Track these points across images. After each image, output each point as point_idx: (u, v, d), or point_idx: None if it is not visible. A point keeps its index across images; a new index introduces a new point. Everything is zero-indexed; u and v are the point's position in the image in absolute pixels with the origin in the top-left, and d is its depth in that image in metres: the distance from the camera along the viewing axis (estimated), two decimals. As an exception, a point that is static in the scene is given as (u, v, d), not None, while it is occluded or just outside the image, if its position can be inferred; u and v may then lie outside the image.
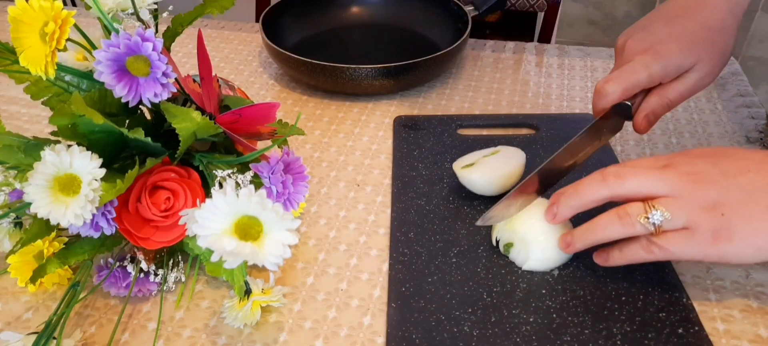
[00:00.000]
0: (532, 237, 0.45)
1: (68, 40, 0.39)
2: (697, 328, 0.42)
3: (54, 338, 0.40)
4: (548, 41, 1.41)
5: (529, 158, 0.59)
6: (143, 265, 0.45)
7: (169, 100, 0.42)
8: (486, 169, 0.52)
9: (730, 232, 0.37)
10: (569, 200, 0.42)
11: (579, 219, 0.44)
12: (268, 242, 0.37)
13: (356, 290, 0.47)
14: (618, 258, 0.42)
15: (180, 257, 0.48)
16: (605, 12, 2.22)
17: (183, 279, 0.47)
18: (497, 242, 0.49)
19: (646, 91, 0.51)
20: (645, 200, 0.39)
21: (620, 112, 0.50)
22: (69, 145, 0.39)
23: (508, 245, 0.47)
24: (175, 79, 0.41)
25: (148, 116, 0.47)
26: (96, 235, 0.41)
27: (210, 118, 0.43)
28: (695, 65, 0.48)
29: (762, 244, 0.37)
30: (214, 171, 0.43)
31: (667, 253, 0.39)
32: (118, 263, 0.45)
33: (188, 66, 0.81)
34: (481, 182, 0.52)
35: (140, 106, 0.44)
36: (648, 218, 0.38)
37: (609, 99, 0.49)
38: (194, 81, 0.48)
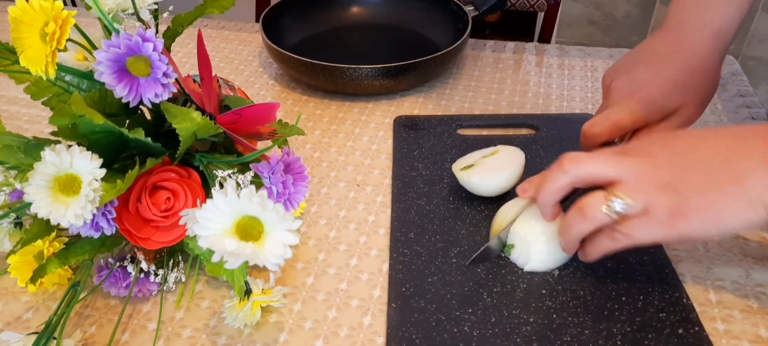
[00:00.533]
0: (533, 238, 0.45)
1: (68, 40, 0.39)
2: (697, 328, 0.42)
3: (54, 338, 0.40)
4: (548, 41, 1.41)
5: (529, 158, 0.59)
6: (143, 265, 0.45)
7: (169, 100, 0.42)
8: (485, 171, 0.52)
9: (686, 208, 0.37)
10: (540, 195, 0.43)
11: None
12: (269, 243, 0.37)
13: (356, 290, 0.47)
14: (591, 253, 0.43)
15: (180, 257, 0.48)
16: (605, 12, 2.22)
17: (183, 279, 0.47)
18: (502, 252, 0.49)
19: (634, 131, 0.51)
20: (604, 188, 0.39)
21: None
22: (69, 146, 0.39)
23: (509, 247, 0.47)
24: (176, 79, 0.41)
25: (148, 116, 0.47)
26: (96, 235, 0.41)
27: (210, 119, 0.43)
28: (680, 108, 0.49)
29: (720, 216, 0.37)
30: (214, 171, 0.43)
31: (631, 239, 0.39)
32: (118, 263, 0.45)
33: (188, 66, 0.81)
34: (481, 183, 0.52)
35: (140, 107, 0.44)
36: (610, 206, 0.38)
37: (596, 140, 0.51)
38: (194, 81, 0.48)
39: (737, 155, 0.37)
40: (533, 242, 0.45)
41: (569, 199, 0.44)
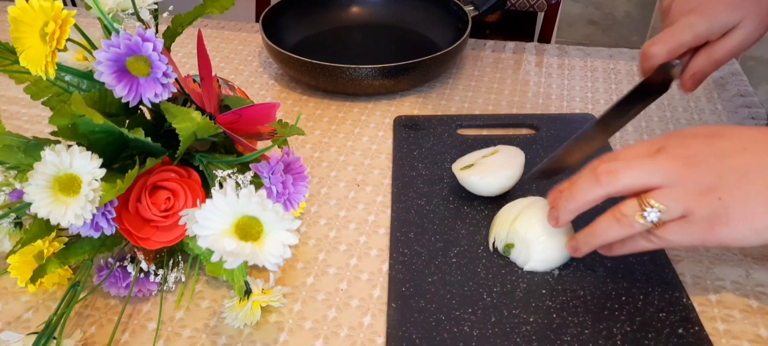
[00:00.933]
0: (534, 237, 0.45)
1: (68, 40, 0.39)
2: (697, 328, 0.42)
3: (54, 338, 0.40)
4: (548, 41, 1.41)
5: (529, 158, 0.59)
6: (143, 265, 0.45)
7: (169, 100, 0.42)
8: (485, 171, 0.52)
9: (727, 216, 0.36)
10: (567, 204, 0.42)
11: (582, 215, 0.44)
12: (269, 242, 0.37)
13: (356, 290, 0.47)
14: (621, 250, 0.42)
15: (180, 257, 0.48)
16: (605, 12, 2.22)
17: (183, 279, 0.47)
18: (494, 246, 0.49)
19: (694, 50, 0.50)
20: (640, 194, 0.38)
21: (667, 72, 0.50)
22: (69, 146, 0.39)
23: (509, 246, 0.47)
24: (175, 79, 0.41)
25: (148, 116, 0.47)
26: (96, 235, 0.41)
27: (210, 118, 0.43)
28: (741, 22, 0.48)
29: (760, 226, 0.36)
30: (214, 171, 0.43)
31: (667, 242, 0.38)
32: (118, 263, 0.45)
33: (188, 66, 0.81)
34: (481, 183, 0.52)
35: (140, 107, 0.44)
36: (644, 216, 0.37)
37: (655, 60, 0.49)
38: (194, 81, 0.48)
39: None
40: (533, 242, 0.45)
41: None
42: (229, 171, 0.41)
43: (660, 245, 0.39)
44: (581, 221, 0.43)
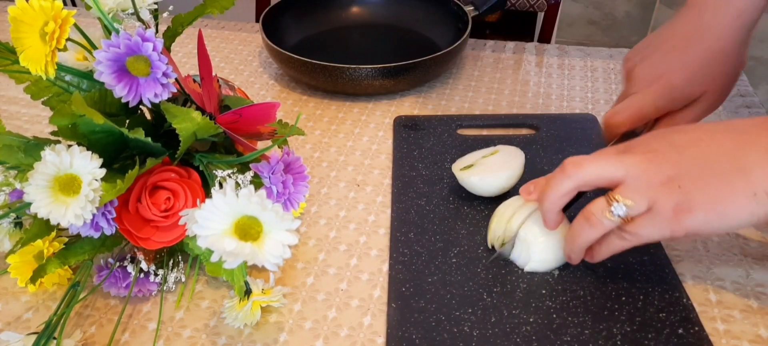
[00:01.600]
0: (533, 238, 0.45)
1: (68, 40, 0.39)
2: (697, 328, 0.42)
3: (54, 338, 0.40)
4: (548, 41, 1.41)
5: (529, 158, 0.59)
6: (143, 265, 0.45)
7: (169, 100, 0.42)
8: (484, 171, 0.52)
9: (690, 203, 0.37)
10: (544, 203, 0.43)
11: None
12: (268, 243, 0.37)
13: (356, 290, 0.47)
14: (601, 253, 0.42)
15: (180, 257, 0.48)
16: (605, 12, 2.22)
17: (183, 279, 0.47)
18: (493, 247, 0.49)
19: (656, 120, 0.51)
20: (607, 191, 0.39)
21: (630, 138, 0.50)
22: (69, 146, 0.39)
23: (504, 244, 0.47)
24: (175, 79, 0.41)
25: (148, 116, 0.47)
26: (96, 235, 0.41)
27: (210, 118, 0.43)
28: (703, 94, 0.49)
29: (725, 210, 0.36)
30: (214, 171, 0.43)
31: (639, 237, 0.39)
32: (118, 263, 0.45)
33: (188, 66, 0.81)
34: (480, 184, 0.52)
35: (140, 107, 0.44)
36: (612, 212, 0.38)
37: (617, 131, 0.50)
38: (194, 81, 0.48)
39: (741, 148, 0.36)
40: (533, 242, 0.45)
41: (573, 204, 0.44)
42: (229, 171, 0.41)
43: (633, 242, 0.40)
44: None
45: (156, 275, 0.45)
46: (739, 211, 0.36)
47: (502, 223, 0.47)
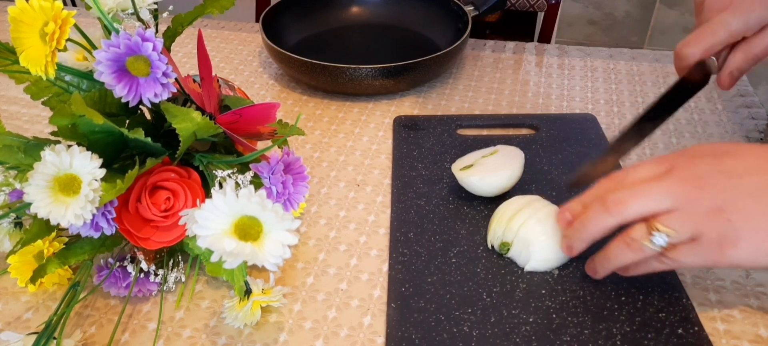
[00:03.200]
0: (534, 237, 0.45)
1: (68, 40, 0.39)
2: (697, 328, 0.42)
3: (54, 338, 0.40)
4: (548, 41, 1.41)
5: (529, 158, 0.59)
6: (143, 265, 0.45)
7: (169, 100, 0.42)
8: (484, 171, 0.52)
9: (737, 237, 0.36)
10: (579, 233, 0.41)
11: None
12: (268, 243, 0.37)
13: (356, 290, 0.47)
14: (635, 271, 0.42)
15: (180, 257, 0.48)
16: (605, 12, 2.22)
17: (183, 279, 0.47)
18: (492, 246, 0.49)
19: (731, 46, 0.49)
20: (649, 219, 0.38)
21: (704, 69, 0.49)
22: (69, 146, 0.39)
23: (505, 244, 0.47)
24: (175, 79, 0.41)
25: (148, 116, 0.47)
26: (96, 235, 0.41)
27: (210, 119, 0.43)
28: None
29: (766, 251, 0.36)
30: (214, 171, 0.43)
31: (679, 264, 0.38)
32: (118, 263, 0.45)
33: (188, 66, 0.81)
34: (480, 184, 0.52)
35: (140, 107, 0.44)
36: (653, 241, 0.37)
37: (689, 60, 0.48)
38: (194, 81, 0.48)
39: None
40: (533, 242, 0.45)
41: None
42: (229, 171, 0.41)
43: (672, 266, 0.39)
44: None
45: (156, 275, 0.45)
46: None
47: (502, 223, 0.47)
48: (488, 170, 0.52)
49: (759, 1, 0.47)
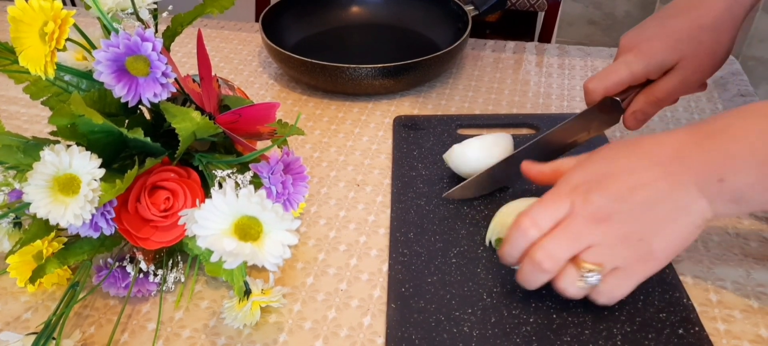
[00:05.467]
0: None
1: (68, 40, 0.39)
2: (697, 328, 0.42)
3: (53, 338, 0.40)
4: (548, 41, 1.41)
5: (529, 158, 0.58)
6: (143, 265, 0.45)
7: (168, 100, 0.42)
8: (466, 150, 0.53)
9: (652, 252, 0.38)
10: (527, 285, 0.42)
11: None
12: (268, 243, 0.37)
13: (356, 290, 0.47)
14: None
15: (179, 257, 0.48)
16: (605, 12, 2.22)
17: (182, 279, 0.47)
18: (490, 243, 0.49)
19: (641, 89, 0.52)
20: (573, 260, 0.40)
21: (612, 108, 0.52)
22: (68, 146, 0.39)
23: (499, 241, 0.47)
24: (175, 79, 0.41)
25: (147, 116, 0.47)
26: (95, 235, 0.41)
27: (210, 118, 0.43)
28: (679, 62, 0.49)
29: (680, 244, 0.39)
30: (213, 171, 0.43)
31: (612, 297, 0.40)
32: (117, 264, 0.45)
33: (188, 66, 0.81)
34: (460, 163, 0.54)
35: (140, 106, 0.44)
36: (585, 280, 0.39)
37: (592, 96, 0.51)
38: (194, 81, 0.48)
39: (675, 188, 0.38)
40: None
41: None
42: (229, 171, 0.41)
43: (608, 301, 0.41)
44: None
45: (155, 275, 0.45)
46: (688, 240, 0.39)
47: (500, 220, 0.47)
48: (471, 147, 0.53)
49: (662, 46, 0.49)
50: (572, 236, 0.39)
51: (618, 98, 0.51)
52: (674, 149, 0.39)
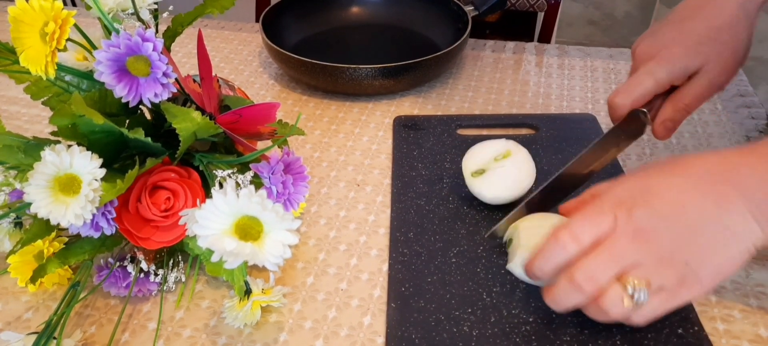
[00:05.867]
0: (525, 242, 0.45)
1: (68, 40, 0.39)
2: (696, 328, 0.42)
3: (54, 338, 0.40)
4: (548, 41, 1.41)
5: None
6: (143, 265, 0.45)
7: (169, 100, 0.42)
8: (495, 181, 0.51)
9: (697, 275, 0.36)
10: (556, 306, 0.40)
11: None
12: (268, 242, 0.37)
13: (356, 290, 0.47)
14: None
15: (180, 257, 0.48)
16: (605, 12, 2.22)
17: (183, 279, 0.47)
18: (497, 239, 0.49)
19: (665, 96, 0.50)
20: (617, 278, 0.37)
21: (637, 120, 0.50)
22: (69, 146, 0.39)
23: (508, 242, 0.47)
24: (175, 79, 0.41)
25: (148, 116, 0.47)
26: (96, 235, 0.41)
27: (210, 119, 0.43)
28: (704, 66, 0.48)
29: (727, 271, 0.37)
30: (214, 171, 0.43)
31: (650, 319, 0.38)
32: (118, 263, 0.45)
33: (188, 66, 0.81)
34: (489, 194, 0.51)
35: (140, 107, 0.44)
36: (634, 299, 0.37)
37: (621, 111, 0.49)
38: (194, 81, 0.48)
39: (722, 209, 0.36)
40: (523, 247, 0.45)
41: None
42: (229, 171, 0.41)
43: (645, 322, 0.38)
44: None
45: (156, 274, 0.45)
46: (738, 266, 0.37)
47: (523, 226, 0.46)
48: (499, 180, 0.51)
49: (683, 51, 0.48)
50: (615, 256, 0.37)
51: (644, 109, 0.50)
52: (723, 170, 0.37)
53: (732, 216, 0.36)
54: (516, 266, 0.45)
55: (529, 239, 0.45)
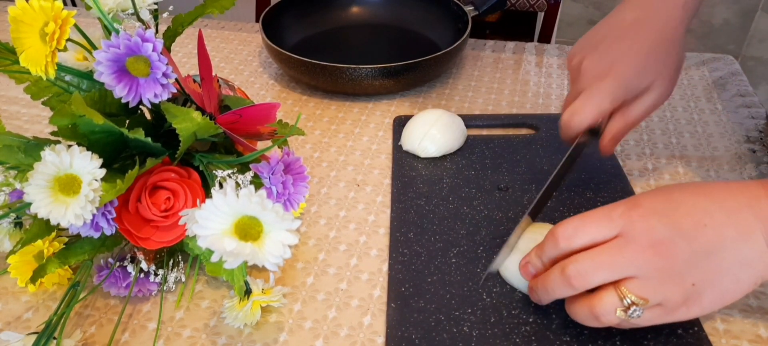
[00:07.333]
0: (522, 246, 0.45)
1: (68, 40, 0.39)
2: (696, 328, 0.42)
3: (54, 338, 0.40)
4: (548, 41, 1.41)
5: (529, 158, 0.59)
6: (143, 265, 0.45)
7: (169, 100, 0.42)
8: (436, 137, 0.58)
9: (700, 297, 0.36)
10: (544, 295, 0.41)
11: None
12: (268, 243, 0.37)
13: (356, 290, 0.47)
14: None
15: (180, 257, 0.48)
16: (605, 12, 2.22)
17: (183, 279, 0.47)
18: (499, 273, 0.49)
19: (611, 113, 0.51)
20: (615, 285, 0.37)
21: (589, 134, 0.50)
22: (69, 146, 0.39)
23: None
24: (175, 79, 0.41)
25: (148, 116, 0.47)
26: (96, 235, 0.41)
27: (210, 119, 0.43)
28: (653, 83, 0.48)
29: (730, 298, 0.37)
30: (214, 171, 0.43)
31: (637, 325, 0.38)
32: (118, 263, 0.45)
33: (188, 66, 0.81)
34: (433, 147, 0.57)
35: (140, 107, 0.44)
36: (627, 313, 0.36)
37: (578, 130, 0.49)
38: (194, 81, 0.48)
39: (743, 239, 0.36)
40: (516, 251, 0.45)
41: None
42: (229, 171, 0.41)
43: (630, 326, 0.39)
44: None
45: (156, 275, 0.45)
46: (742, 295, 0.37)
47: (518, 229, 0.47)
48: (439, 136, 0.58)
49: (635, 69, 0.47)
50: (617, 262, 0.37)
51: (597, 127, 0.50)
52: (746, 199, 0.36)
53: (749, 246, 0.36)
54: (507, 269, 0.45)
55: (525, 244, 0.45)
